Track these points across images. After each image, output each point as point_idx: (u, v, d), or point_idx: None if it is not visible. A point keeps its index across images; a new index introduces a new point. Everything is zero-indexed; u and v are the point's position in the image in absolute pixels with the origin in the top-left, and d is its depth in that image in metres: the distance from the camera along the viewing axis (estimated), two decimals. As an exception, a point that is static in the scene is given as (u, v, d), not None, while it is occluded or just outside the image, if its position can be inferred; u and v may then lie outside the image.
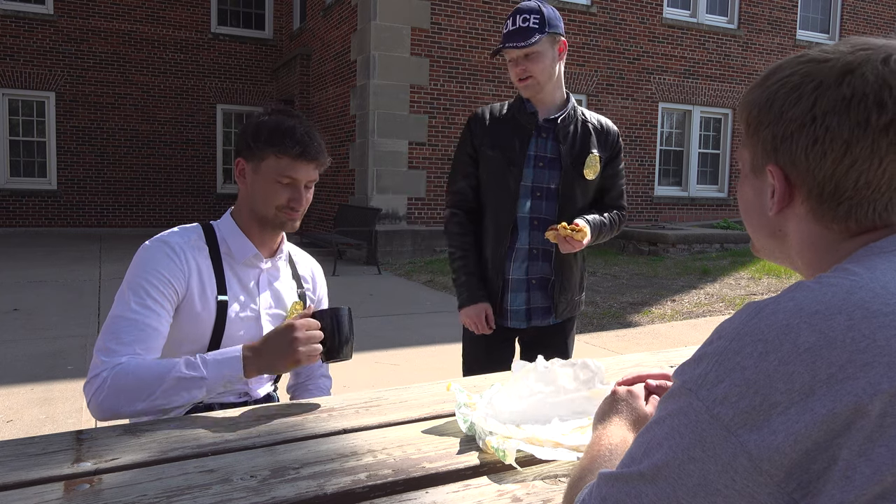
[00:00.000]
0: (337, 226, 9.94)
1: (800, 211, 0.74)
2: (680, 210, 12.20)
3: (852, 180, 0.69)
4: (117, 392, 1.34)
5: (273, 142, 1.51)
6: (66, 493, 0.96)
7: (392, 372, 4.46)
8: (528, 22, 2.06)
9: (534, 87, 2.13)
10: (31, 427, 3.41)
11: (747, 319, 0.65)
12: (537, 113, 2.19)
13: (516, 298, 2.23)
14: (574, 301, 2.32)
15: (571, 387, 1.30)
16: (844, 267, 0.68)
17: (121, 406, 1.34)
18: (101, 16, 12.85)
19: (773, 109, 0.73)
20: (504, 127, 2.21)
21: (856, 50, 0.70)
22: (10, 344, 4.91)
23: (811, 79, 0.70)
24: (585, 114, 2.27)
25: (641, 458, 0.68)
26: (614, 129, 2.31)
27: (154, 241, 1.53)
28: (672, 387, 0.69)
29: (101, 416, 1.36)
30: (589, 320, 6.14)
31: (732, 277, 8.08)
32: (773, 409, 0.60)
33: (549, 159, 2.19)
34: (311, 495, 0.98)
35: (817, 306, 0.62)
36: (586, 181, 2.22)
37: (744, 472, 0.60)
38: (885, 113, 0.67)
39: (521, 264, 2.22)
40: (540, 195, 2.19)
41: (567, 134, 2.20)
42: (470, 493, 1.00)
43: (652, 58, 11.57)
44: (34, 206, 12.59)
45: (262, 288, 1.64)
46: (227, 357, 1.37)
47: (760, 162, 0.76)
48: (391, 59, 9.54)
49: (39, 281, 7.44)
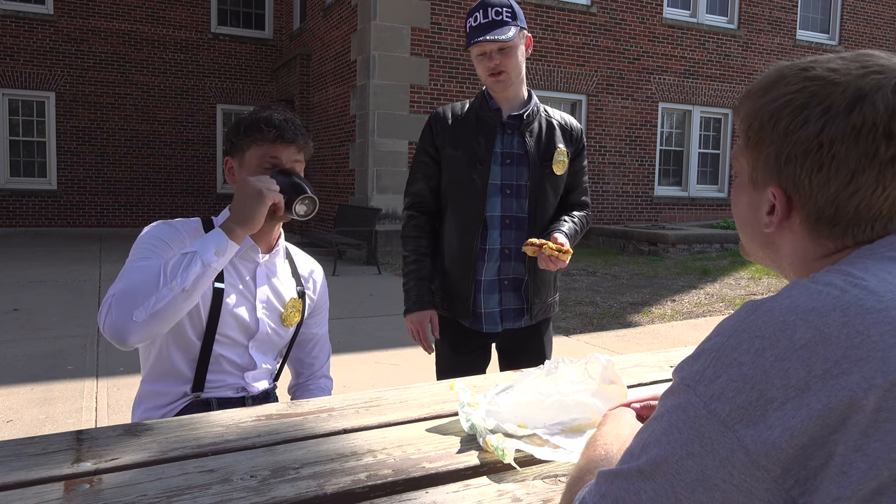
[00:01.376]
0: (337, 226, 9.94)
1: (796, 228, 0.75)
2: (680, 210, 12.21)
3: (854, 205, 0.69)
4: (123, 302, 1.36)
5: (250, 132, 1.57)
6: (66, 493, 0.96)
7: (392, 372, 4.46)
8: (501, 15, 2.02)
9: (506, 81, 2.07)
10: (31, 427, 3.41)
11: (745, 317, 0.66)
12: (501, 110, 2.14)
13: (489, 300, 2.16)
14: (548, 302, 2.26)
15: (579, 378, 1.28)
16: (838, 268, 0.68)
17: (132, 312, 1.35)
18: (101, 16, 12.85)
19: (778, 128, 0.72)
20: (467, 125, 2.15)
21: (867, 73, 0.69)
22: (10, 344, 4.91)
23: (819, 101, 0.69)
24: (548, 110, 2.22)
25: (639, 454, 0.68)
26: (578, 126, 2.26)
27: (156, 222, 1.61)
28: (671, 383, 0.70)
29: (115, 332, 1.37)
30: (589, 320, 6.14)
31: (732, 277, 8.08)
32: (770, 404, 0.60)
33: (517, 156, 2.13)
34: (311, 495, 0.98)
35: (813, 304, 0.63)
36: (556, 176, 2.16)
37: (741, 468, 0.61)
38: (893, 144, 0.67)
39: (493, 264, 2.14)
40: (510, 192, 2.13)
41: (532, 130, 2.15)
42: (470, 493, 1.00)
43: (652, 58, 11.57)
44: (34, 206, 12.59)
45: (259, 281, 1.66)
46: (208, 233, 1.46)
47: (761, 178, 0.76)
48: (391, 59, 9.54)
49: (39, 281, 7.44)
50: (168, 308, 1.36)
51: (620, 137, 11.48)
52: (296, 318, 1.71)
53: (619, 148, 11.50)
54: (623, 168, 11.58)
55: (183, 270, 1.36)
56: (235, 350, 1.62)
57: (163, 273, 1.37)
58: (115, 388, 4.01)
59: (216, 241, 1.42)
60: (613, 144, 11.43)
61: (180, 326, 1.55)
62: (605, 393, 1.25)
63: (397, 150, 9.71)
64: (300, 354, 1.81)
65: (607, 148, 11.38)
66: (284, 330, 1.70)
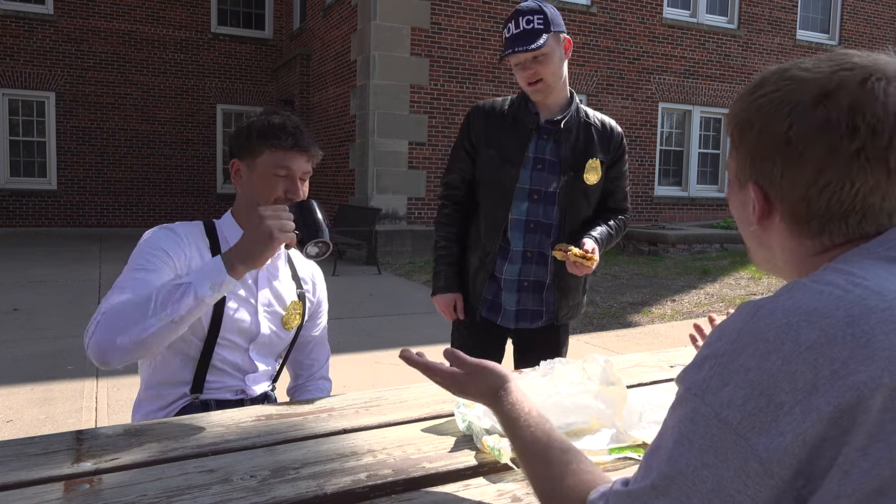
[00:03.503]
0: (337, 226, 9.93)
1: (778, 226, 0.75)
2: (680, 210, 12.20)
3: (824, 201, 0.70)
4: (110, 324, 1.32)
5: (266, 137, 1.55)
6: (66, 493, 0.97)
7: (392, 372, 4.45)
8: (533, 23, 1.99)
9: (544, 90, 2.06)
10: (31, 427, 3.41)
11: (747, 319, 0.65)
12: (539, 114, 2.12)
13: (508, 298, 2.19)
14: (576, 304, 2.27)
15: (577, 380, 1.27)
16: (836, 267, 0.68)
17: (116, 336, 1.31)
18: (101, 16, 12.85)
19: (755, 127, 0.74)
20: (504, 124, 2.14)
21: (837, 70, 0.69)
22: (10, 344, 4.91)
23: (789, 100, 0.71)
24: (588, 114, 2.19)
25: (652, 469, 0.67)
26: (618, 131, 2.22)
27: (157, 227, 1.58)
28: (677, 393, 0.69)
29: (97, 353, 1.33)
30: (589, 320, 6.13)
31: (732, 277, 8.08)
32: (780, 409, 0.60)
33: (549, 162, 2.12)
34: (311, 495, 0.98)
35: (815, 304, 0.63)
36: (588, 186, 2.14)
37: (755, 477, 0.60)
38: (857, 138, 0.67)
39: (514, 266, 2.16)
40: (538, 198, 2.12)
41: (569, 136, 2.12)
42: (470, 492, 1.00)
43: (652, 58, 11.57)
44: (34, 206, 12.59)
45: (260, 285, 1.65)
46: (208, 261, 1.39)
47: (743, 177, 0.77)
48: (391, 59, 9.54)
49: (39, 281, 7.44)
50: (153, 337, 1.32)
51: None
52: (296, 321, 1.71)
53: (619, 148, 11.49)
54: (623, 168, 11.57)
55: (175, 302, 1.30)
56: (236, 353, 1.62)
57: (154, 301, 1.31)
58: (115, 388, 4.01)
59: (214, 274, 1.33)
60: (613, 144, 11.42)
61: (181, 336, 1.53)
62: (606, 394, 1.24)
63: (397, 150, 9.70)
64: (299, 356, 1.81)
65: (607, 148, 11.37)
66: (285, 333, 1.69)
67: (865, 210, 0.69)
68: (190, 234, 1.57)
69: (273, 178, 1.56)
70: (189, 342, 1.56)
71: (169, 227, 1.57)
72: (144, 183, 13.36)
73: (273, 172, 1.55)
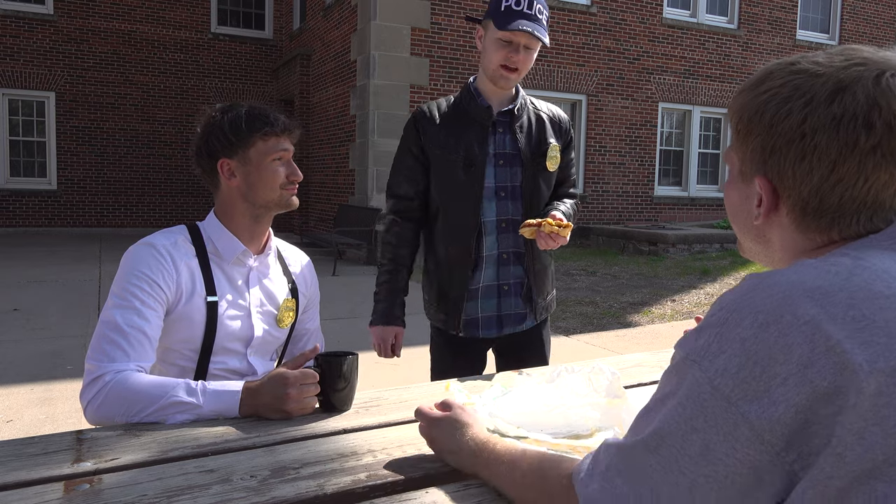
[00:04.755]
0: (337, 226, 9.94)
1: (784, 220, 0.75)
2: (680, 210, 12.20)
3: (837, 196, 0.70)
4: (116, 401, 1.32)
5: (254, 127, 1.54)
6: (66, 493, 0.96)
7: (392, 372, 4.45)
8: (544, 14, 1.91)
9: (515, 80, 1.98)
10: (31, 427, 3.41)
11: (748, 291, 0.66)
12: (491, 107, 2.01)
13: (486, 305, 2.05)
14: (549, 301, 2.17)
15: (584, 391, 1.25)
16: (845, 252, 0.68)
17: (116, 415, 1.32)
18: (101, 16, 12.85)
19: (764, 120, 0.73)
20: (457, 125, 2.01)
21: (850, 65, 0.69)
22: (10, 344, 4.91)
23: (802, 93, 0.70)
24: (535, 103, 2.11)
25: (644, 427, 0.69)
26: (566, 118, 2.15)
27: (139, 244, 1.51)
28: (674, 358, 0.71)
29: (95, 421, 1.35)
30: (589, 320, 6.14)
31: (732, 277, 8.08)
32: (773, 379, 0.61)
33: (509, 156, 2.02)
34: (311, 495, 0.98)
35: (819, 282, 0.63)
36: (549, 173, 2.06)
37: (745, 441, 0.61)
38: (873, 134, 0.67)
39: (490, 271, 2.04)
40: (504, 195, 2.02)
41: (523, 126, 2.04)
42: (470, 492, 1.00)
43: (652, 58, 11.57)
44: (34, 206, 12.59)
45: (251, 285, 1.63)
46: (226, 391, 1.34)
47: (749, 170, 0.77)
48: (391, 59, 9.54)
49: (39, 281, 7.44)
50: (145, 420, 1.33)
51: (620, 137, 11.48)
52: (290, 319, 1.70)
53: (619, 148, 11.49)
54: (623, 168, 11.58)
55: (180, 412, 1.30)
56: (234, 358, 1.61)
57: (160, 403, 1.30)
58: (115, 388, 4.00)
59: (225, 410, 1.32)
60: (613, 144, 11.43)
61: (178, 341, 1.52)
62: (611, 409, 1.23)
63: (397, 150, 9.70)
64: (294, 351, 1.81)
65: (607, 148, 11.38)
66: (279, 331, 1.69)
67: (877, 206, 0.69)
68: (174, 248, 1.52)
69: (273, 165, 1.56)
70: (185, 355, 1.55)
71: (150, 245, 1.50)
72: (144, 183, 13.36)
73: (273, 158, 1.56)
